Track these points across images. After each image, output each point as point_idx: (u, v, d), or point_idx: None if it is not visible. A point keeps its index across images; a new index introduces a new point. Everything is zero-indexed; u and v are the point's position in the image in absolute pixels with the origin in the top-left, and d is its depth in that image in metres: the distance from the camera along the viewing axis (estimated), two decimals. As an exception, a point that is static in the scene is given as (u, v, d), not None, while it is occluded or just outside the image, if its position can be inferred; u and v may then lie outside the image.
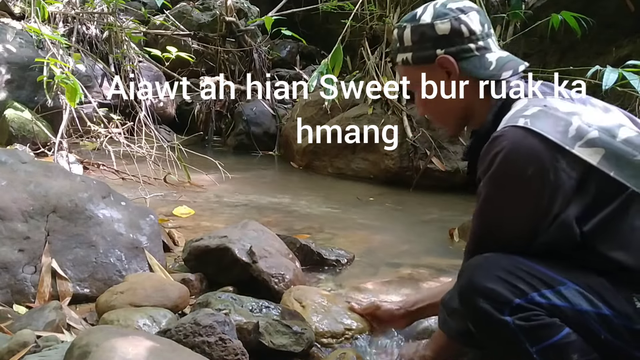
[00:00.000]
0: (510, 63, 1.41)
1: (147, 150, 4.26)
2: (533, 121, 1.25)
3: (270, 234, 2.49)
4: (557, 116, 1.26)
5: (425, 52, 1.43)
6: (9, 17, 5.19)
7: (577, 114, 1.26)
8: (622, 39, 4.53)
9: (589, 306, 1.20)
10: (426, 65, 1.44)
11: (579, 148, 1.22)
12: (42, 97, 4.53)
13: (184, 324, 1.57)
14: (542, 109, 1.28)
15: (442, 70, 1.42)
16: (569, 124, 1.24)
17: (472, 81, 1.42)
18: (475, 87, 1.42)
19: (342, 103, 4.81)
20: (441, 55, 1.41)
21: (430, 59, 1.43)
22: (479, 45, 1.41)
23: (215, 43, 6.26)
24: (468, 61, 1.40)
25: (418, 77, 1.48)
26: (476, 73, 1.40)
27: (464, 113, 1.47)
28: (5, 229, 2.01)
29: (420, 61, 1.44)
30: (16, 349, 1.44)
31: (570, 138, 1.22)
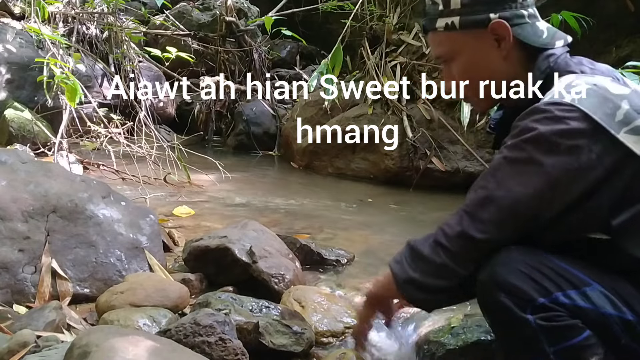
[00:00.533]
0: (559, 34, 1.33)
1: (147, 150, 4.26)
2: (581, 99, 1.16)
3: (270, 234, 2.49)
4: (606, 97, 1.17)
5: (477, 16, 1.31)
6: (9, 17, 5.19)
7: (627, 98, 1.18)
8: (622, 39, 4.53)
9: (613, 310, 1.16)
10: (475, 31, 1.32)
11: (625, 134, 1.14)
12: (42, 97, 4.53)
13: (184, 323, 1.57)
14: (591, 87, 1.18)
15: (492, 36, 1.31)
16: (618, 107, 1.16)
17: (521, 51, 1.32)
18: (524, 58, 1.32)
19: (342, 103, 4.82)
20: (495, 19, 1.29)
21: (482, 24, 1.31)
22: (530, 12, 1.32)
23: (215, 43, 6.26)
24: (521, 27, 1.30)
25: (463, 45, 1.35)
26: (531, 40, 1.30)
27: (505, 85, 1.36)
28: (5, 229, 2.01)
29: (470, 25, 1.31)
30: (16, 349, 1.44)
31: (617, 122, 1.14)
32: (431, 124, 4.50)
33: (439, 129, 4.47)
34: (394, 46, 4.83)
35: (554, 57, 1.28)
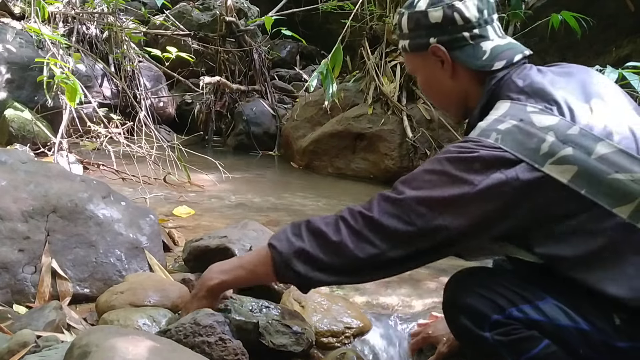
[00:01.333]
0: (506, 52, 1.37)
1: (147, 150, 4.26)
2: (505, 137, 1.22)
3: (270, 234, 2.48)
4: (530, 133, 1.22)
5: (419, 40, 1.42)
6: (9, 17, 5.19)
7: (553, 129, 1.21)
8: (622, 39, 4.53)
9: (568, 321, 1.18)
10: (421, 53, 1.43)
11: (550, 165, 1.18)
12: (42, 97, 4.53)
13: (184, 323, 1.57)
14: (517, 124, 1.23)
15: (435, 59, 1.41)
16: (542, 141, 1.20)
17: (467, 70, 1.40)
18: (471, 76, 1.40)
19: (342, 103, 4.82)
20: (433, 44, 1.40)
21: (424, 47, 1.42)
22: (473, 33, 1.38)
23: (215, 43, 6.26)
24: (461, 50, 1.39)
25: (416, 64, 1.48)
26: (468, 63, 1.38)
27: (462, 100, 1.45)
28: (5, 229, 2.00)
29: (416, 49, 1.44)
30: (16, 349, 1.44)
31: (541, 155, 1.19)
32: (431, 124, 4.50)
33: (439, 129, 4.48)
34: (394, 46, 4.83)
35: (495, 80, 1.35)
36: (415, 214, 1.22)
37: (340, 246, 1.27)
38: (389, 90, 4.64)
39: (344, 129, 4.75)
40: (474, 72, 1.39)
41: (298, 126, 5.26)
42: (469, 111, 1.45)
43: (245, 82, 6.25)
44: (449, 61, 1.39)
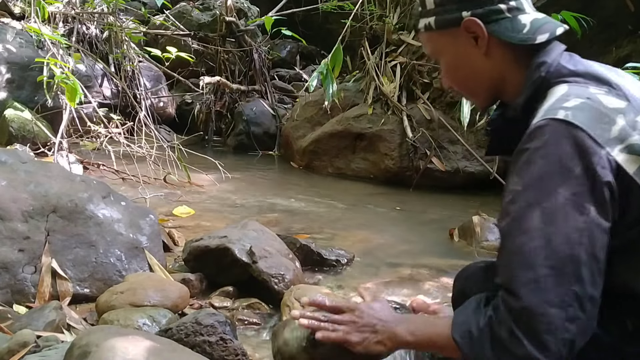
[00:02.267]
0: (546, 25, 1.24)
1: (147, 150, 4.26)
2: (575, 113, 1.09)
3: (270, 234, 2.49)
4: (601, 112, 1.10)
5: (449, 15, 1.26)
6: (9, 17, 5.19)
7: (622, 113, 1.11)
8: (622, 39, 4.53)
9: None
10: (451, 30, 1.27)
11: (618, 152, 1.08)
12: (42, 97, 4.53)
13: (185, 323, 1.57)
14: (585, 102, 1.11)
15: (468, 35, 1.25)
16: (613, 123, 1.09)
17: (503, 47, 1.25)
18: (508, 55, 1.25)
19: (342, 103, 4.82)
20: (467, 17, 1.24)
21: (455, 23, 1.26)
22: (510, 5, 1.24)
23: (215, 43, 6.26)
24: (498, 24, 1.24)
25: (442, 44, 1.31)
26: (507, 36, 1.23)
27: (494, 83, 1.30)
28: (5, 229, 2.01)
29: (444, 25, 1.28)
30: (16, 349, 1.44)
31: (611, 139, 1.08)
32: (431, 124, 4.50)
33: (439, 129, 4.48)
34: (394, 46, 4.83)
35: (545, 66, 1.21)
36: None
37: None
38: (389, 90, 4.64)
39: (344, 129, 4.75)
40: (512, 48, 1.25)
41: (298, 126, 5.26)
42: (504, 96, 1.32)
43: (245, 82, 6.25)
44: (484, 36, 1.24)
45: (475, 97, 1.37)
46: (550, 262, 1.03)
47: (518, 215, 1.09)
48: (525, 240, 1.06)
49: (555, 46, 1.24)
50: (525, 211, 1.07)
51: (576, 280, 1.02)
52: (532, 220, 1.06)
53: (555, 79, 1.20)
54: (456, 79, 1.35)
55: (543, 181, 1.07)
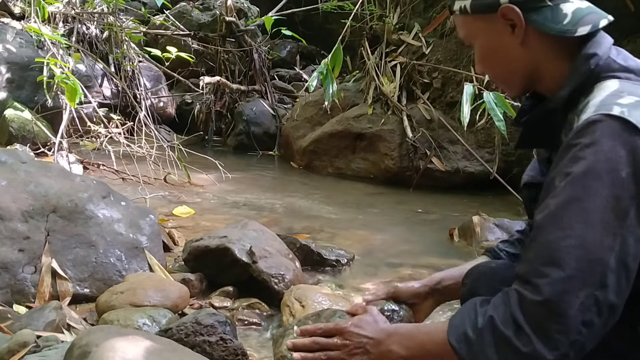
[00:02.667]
0: (589, 16, 1.18)
1: (147, 150, 4.26)
2: (631, 112, 1.04)
3: (270, 234, 2.49)
4: None
5: (486, 0, 1.21)
6: (9, 17, 5.19)
7: None
8: (622, 39, 4.53)
9: None
10: (486, 15, 1.22)
11: None
12: (42, 97, 4.53)
13: (186, 323, 1.57)
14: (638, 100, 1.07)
15: (505, 22, 1.20)
16: None
17: (543, 37, 1.19)
18: (547, 45, 1.20)
19: (342, 103, 4.82)
20: (505, 4, 1.19)
21: (492, 8, 1.20)
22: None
23: (215, 43, 6.26)
24: (537, 12, 1.18)
25: (477, 29, 1.26)
26: (547, 27, 1.17)
27: (530, 73, 1.24)
28: (5, 229, 2.00)
29: (481, 10, 1.22)
30: (16, 349, 1.44)
31: None
32: (431, 124, 4.50)
33: (439, 129, 4.48)
34: (394, 46, 4.83)
35: (595, 59, 1.15)
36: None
37: None
38: (389, 90, 4.64)
39: (344, 129, 4.76)
40: (550, 39, 1.19)
41: (298, 126, 5.26)
42: (538, 87, 1.27)
43: (245, 82, 6.25)
44: (522, 25, 1.18)
45: (508, 85, 1.33)
46: (580, 264, 1.00)
47: (556, 210, 1.05)
48: (560, 236, 1.02)
49: (604, 38, 1.19)
50: (564, 207, 1.04)
51: (600, 285, 1.00)
52: (569, 217, 1.03)
53: (605, 72, 1.15)
54: (489, 66, 1.31)
55: (587, 179, 1.03)
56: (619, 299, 1.01)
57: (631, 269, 1.01)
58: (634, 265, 1.02)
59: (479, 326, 1.06)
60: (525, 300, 1.01)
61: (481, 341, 1.04)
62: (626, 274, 1.01)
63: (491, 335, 1.03)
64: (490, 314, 1.05)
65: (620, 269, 1.00)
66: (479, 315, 1.07)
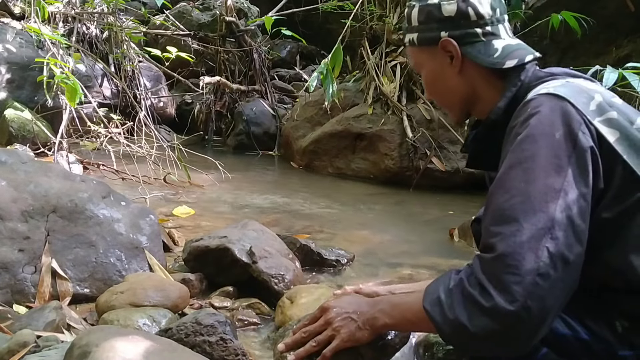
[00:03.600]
0: (517, 52, 1.34)
1: (147, 150, 4.26)
2: (557, 88, 1.19)
3: (270, 234, 2.49)
4: (580, 88, 1.20)
5: (429, 34, 1.37)
6: (9, 17, 5.19)
7: (599, 92, 1.21)
8: (622, 39, 4.53)
9: (567, 329, 1.14)
10: (430, 47, 1.38)
11: (598, 123, 1.14)
12: (42, 97, 4.54)
13: (185, 323, 1.57)
14: (565, 82, 1.22)
15: (445, 54, 1.36)
16: (591, 98, 1.18)
17: (476, 67, 1.36)
18: (481, 73, 1.36)
19: (342, 103, 4.82)
20: (445, 37, 1.35)
21: (434, 41, 1.37)
22: (486, 30, 1.34)
23: (215, 43, 6.26)
24: (472, 46, 1.35)
25: (422, 59, 1.42)
26: (479, 59, 1.34)
27: (468, 99, 1.40)
28: (5, 229, 2.00)
29: (425, 42, 1.39)
30: (16, 349, 1.44)
31: (591, 111, 1.15)
32: (431, 124, 4.50)
33: (439, 129, 4.48)
34: (394, 46, 4.83)
35: (524, 72, 1.30)
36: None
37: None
38: (389, 90, 4.64)
39: (344, 129, 4.76)
40: (484, 69, 1.35)
41: (298, 126, 5.26)
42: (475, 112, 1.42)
43: (245, 82, 6.25)
44: (458, 56, 1.35)
45: (450, 110, 1.48)
46: (527, 217, 1.06)
47: (501, 176, 1.14)
48: (506, 197, 1.10)
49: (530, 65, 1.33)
50: (508, 171, 1.13)
51: (550, 237, 1.04)
52: (513, 179, 1.11)
53: (534, 81, 1.29)
54: (433, 92, 1.47)
55: (525, 144, 1.13)
56: (570, 253, 1.05)
57: (577, 224, 1.06)
58: (579, 221, 1.07)
59: (450, 288, 1.11)
60: (484, 260, 1.08)
61: (451, 302, 1.09)
62: (573, 228, 1.06)
63: (460, 295, 1.09)
64: (460, 277, 1.11)
65: (567, 222, 1.06)
66: (451, 280, 1.13)
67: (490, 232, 1.10)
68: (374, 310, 1.26)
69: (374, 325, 1.25)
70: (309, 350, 1.28)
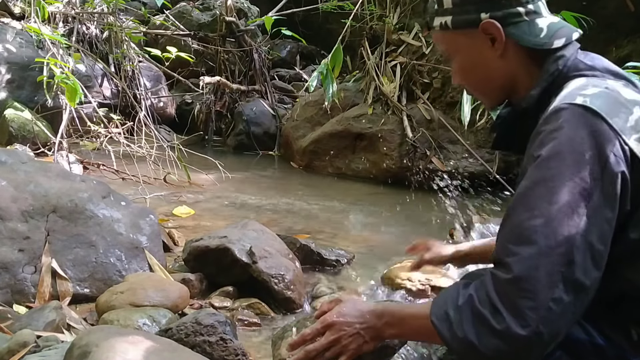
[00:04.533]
0: (563, 30, 1.25)
1: (147, 150, 4.27)
2: (593, 100, 1.10)
3: (270, 234, 2.49)
4: (619, 101, 1.12)
5: (467, 16, 1.26)
6: (9, 17, 5.19)
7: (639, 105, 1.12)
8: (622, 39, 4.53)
9: (583, 334, 1.12)
10: (468, 30, 1.28)
11: (634, 141, 1.07)
12: (42, 97, 4.53)
13: (186, 323, 1.57)
14: (603, 90, 1.13)
15: (485, 36, 1.26)
16: (630, 113, 1.10)
17: (519, 49, 1.26)
18: (522, 56, 1.26)
19: (342, 103, 4.82)
20: (486, 19, 1.24)
21: (473, 24, 1.26)
22: (528, 8, 1.25)
23: (215, 43, 6.26)
24: (516, 27, 1.24)
25: (457, 44, 1.31)
26: (525, 40, 1.24)
27: (507, 84, 1.31)
28: (5, 229, 2.00)
29: (462, 26, 1.28)
30: (16, 349, 1.44)
31: (629, 127, 1.08)
32: (431, 124, 4.50)
33: (439, 129, 4.48)
34: (394, 46, 4.83)
35: (563, 60, 1.22)
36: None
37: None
38: (389, 90, 4.64)
39: (344, 129, 4.76)
40: (527, 51, 1.26)
41: (298, 126, 5.26)
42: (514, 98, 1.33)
43: (245, 82, 6.25)
44: (502, 39, 1.25)
45: (486, 96, 1.38)
46: (547, 242, 1.03)
47: (524, 192, 1.09)
48: (528, 216, 1.06)
49: (572, 45, 1.25)
50: (532, 188, 1.08)
51: (567, 262, 1.02)
52: (537, 198, 1.07)
53: (572, 72, 1.21)
54: (469, 79, 1.36)
55: (553, 161, 1.08)
56: (586, 279, 1.02)
57: (597, 249, 1.03)
58: (600, 246, 1.04)
59: (459, 304, 1.08)
60: (498, 280, 1.04)
61: (460, 319, 1.07)
62: (592, 253, 1.03)
63: (470, 313, 1.06)
64: (470, 293, 1.08)
65: (586, 247, 1.03)
66: (460, 295, 1.10)
67: (507, 249, 1.06)
68: (380, 324, 1.23)
69: (381, 337, 1.25)
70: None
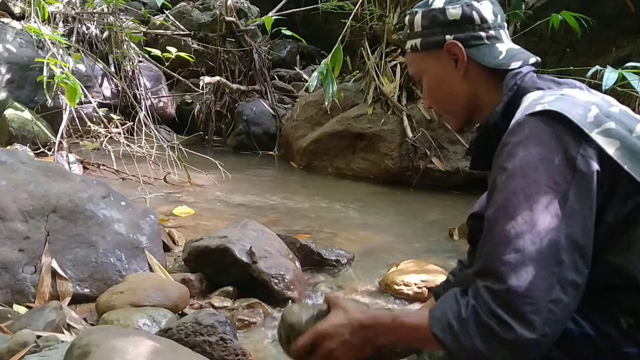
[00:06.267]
0: (520, 54, 1.37)
1: (147, 150, 4.27)
2: (552, 104, 1.18)
3: (270, 234, 2.49)
4: (576, 102, 1.20)
5: (434, 38, 1.39)
6: (9, 17, 5.19)
7: (595, 104, 1.20)
8: (622, 39, 4.53)
9: (573, 325, 1.14)
10: (434, 52, 1.39)
11: (597, 135, 1.14)
12: (42, 97, 4.54)
13: (186, 323, 1.57)
14: (559, 96, 1.22)
15: (449, 57, 1.38)
16: (588, 110, 1.18)
17: (481, 70, 1.37)
18: (483, 77, 1.37)
19: (342, 103, 4.82)
20: (450, 40, 1.36)
21: (438, 45, 1.38)
22: (489, 34, 1.37)
23: (215, 43, 6.27)
24: (477, 49, 1.37)
25: (425, 64, 1.43)
26: (484, 61, 1.36)
27: (470, 104, 1.41)
28: (5, 229, 2.00)
29: (429, 47, 1.40)
30: (16, 349, 1.44)
31: (589, 123, 1.15)
32: (431, 124, 4.50)
33: (439, 129, 4.48)
34: (394, 46, 4.83)
35: (520, 76, 1.33)
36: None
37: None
38: (389, 90, 4.64)
39: (344, 129, 4.76)
40: (487, 72, 1.37)
41: (298, 126, 5.26)
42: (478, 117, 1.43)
43: (245, 82, 6.25)
44: (464, 59, 1.36)
45: (453, 116, 1.49)
46: (534, 247, 1.07)
47: (504, 202, 1.14)
48: (511, 225, 1.10)
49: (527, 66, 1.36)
50: (510, 198, 1.13)
51: (557, 263, 1.06)
52: (516, 207, 1.12)
53: (530, 86, 1.31)
54: (436, 98, 1.47)
55: (525, 170, 1.14)
56: (578, 276, 1.07)
57: (582, 246, 1.09)
58: (585, 242, 1.09)
59: (463, 316, 1.10)
60: (495, 292, 1.07)
61: (466, 331, 1.09)
62: (579, 251, 1.08)
63: (475, 325, 1.08)
64: (472, 303, 1.10)
65: (571, 246, 1.08)
66: (461, 306, 1.11)
67: (495, 260, 1.09)
68: (373, 333, 1.25)
69: (375, 345, 1.26)
70: None
